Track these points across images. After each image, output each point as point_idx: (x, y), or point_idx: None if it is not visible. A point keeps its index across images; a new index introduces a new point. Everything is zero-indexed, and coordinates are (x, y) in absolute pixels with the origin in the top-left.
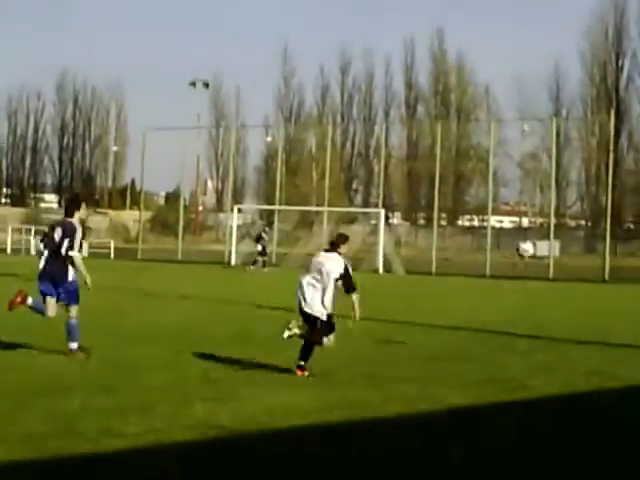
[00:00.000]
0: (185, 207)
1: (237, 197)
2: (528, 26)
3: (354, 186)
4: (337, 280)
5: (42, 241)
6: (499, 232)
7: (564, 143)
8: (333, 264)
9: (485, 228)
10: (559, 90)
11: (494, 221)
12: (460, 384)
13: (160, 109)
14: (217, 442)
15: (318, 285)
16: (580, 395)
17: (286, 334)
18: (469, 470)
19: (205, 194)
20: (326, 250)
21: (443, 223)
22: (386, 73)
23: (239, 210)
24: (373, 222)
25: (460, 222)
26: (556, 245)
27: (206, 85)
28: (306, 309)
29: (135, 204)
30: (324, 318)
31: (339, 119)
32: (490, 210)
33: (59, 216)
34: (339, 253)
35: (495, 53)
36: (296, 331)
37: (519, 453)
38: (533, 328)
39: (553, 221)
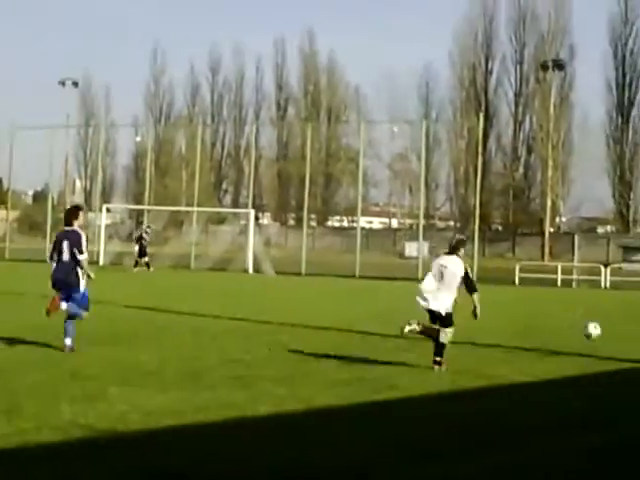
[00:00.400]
0: (53, 206)
1: (106, 197)
2: (399, 28)
3: (224, 186)
4: (460, 282)
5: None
6: (369, 233)
7: (433, 145)
8: (456, 266)
9: (355, 229)
10: (429, 92)
11: (364, 222)
12: (328, 384)
13: (29, 108)
14: (84, 443)
15: (442, 285)
16: (446, 395)
17: (407, 329)
18: (327, 470)
19: (73, 193)
20: (446, 253)
21: (313, 224)
22: (257, 73)
23: (108, 210)
24: (243, 222)
25: (330, 223)
26: (425, 246)
27: (75, 84)
28: (432, 307)
29: (2, 203)
30: (444, 313)
31: (209, 119)
32: (359, 211)
33: None
34: (458, 255)
35: (366, 54)
36: (415, 327)
37: (382, 451)
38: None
39: (422, 222)
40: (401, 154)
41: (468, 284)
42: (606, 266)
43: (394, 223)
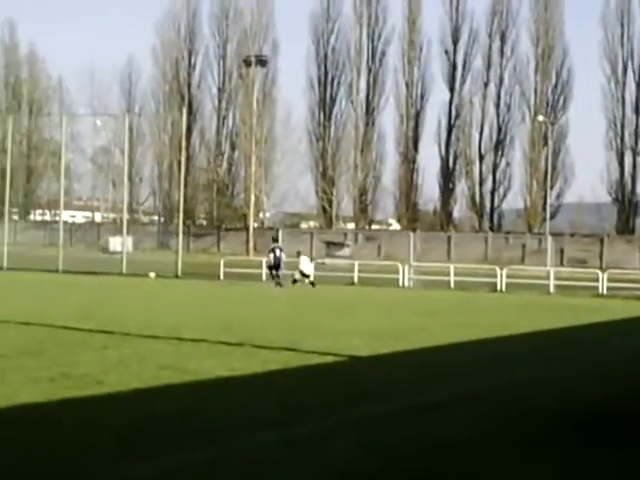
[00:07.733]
0: None
1: None
2: (102, 20)
3: None
4: None
5: None
6: (72, 227)
7: (137, 139)
8: None
9: (57, 222)
10: (132, 86)
11: (67, 216)
12: (30, 381)
13: None
14: None
15: None
16: (153, 389)
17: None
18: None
19: None
20: None
21: (15, 218)
22: None
23: None
24: None
25: (32, 216)
26: (129, 240)
27: None
28: None
29: None
30: None
31: None
32: (62, 205)
33: None
34: None
35: (69, 46)
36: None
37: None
38: (105, 323)
39: (126, 216)
40: (104, 147)
41: None
42: (311, 261)
43: (97, 217)
